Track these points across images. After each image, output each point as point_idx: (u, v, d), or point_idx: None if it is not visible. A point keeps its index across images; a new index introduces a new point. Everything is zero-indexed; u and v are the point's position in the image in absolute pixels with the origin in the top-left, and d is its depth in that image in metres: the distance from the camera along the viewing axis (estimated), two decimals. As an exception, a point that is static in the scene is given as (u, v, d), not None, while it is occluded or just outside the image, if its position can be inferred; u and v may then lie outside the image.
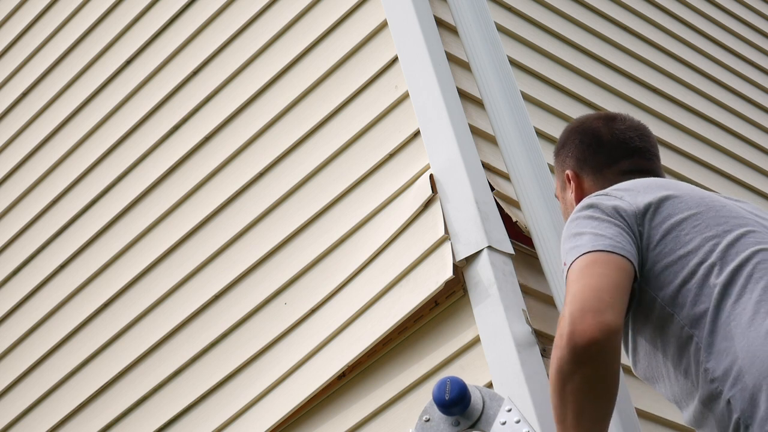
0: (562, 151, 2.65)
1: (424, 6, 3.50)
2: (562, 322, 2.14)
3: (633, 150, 2.57)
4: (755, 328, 2.15)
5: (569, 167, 2.61)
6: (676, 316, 2.24)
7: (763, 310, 2.17)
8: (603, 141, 2.58)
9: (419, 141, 3.29)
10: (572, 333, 2.10)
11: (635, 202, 2.32)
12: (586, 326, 2.10)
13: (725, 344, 2.16)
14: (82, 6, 4.79)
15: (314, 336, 3.33)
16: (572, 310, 2.13)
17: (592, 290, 2.15)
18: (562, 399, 2.14)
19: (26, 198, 4.65)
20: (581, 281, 2.18)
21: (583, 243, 2.24)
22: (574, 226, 2.31)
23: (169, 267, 3.92)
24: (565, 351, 2.11)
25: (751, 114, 4.85)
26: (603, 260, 2.21)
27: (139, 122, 4.28)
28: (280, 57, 3.84)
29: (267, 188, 3.70)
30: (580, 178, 2.59)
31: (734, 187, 4.38)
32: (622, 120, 2.62)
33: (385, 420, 3.08)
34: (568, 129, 2.67)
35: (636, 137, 2.58)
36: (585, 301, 2.13)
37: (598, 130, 2.60)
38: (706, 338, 2.19)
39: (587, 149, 2.59)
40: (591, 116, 2.68)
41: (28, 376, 4.30)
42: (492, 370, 2.84)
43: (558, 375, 2.14)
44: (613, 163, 2.56)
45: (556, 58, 3.91)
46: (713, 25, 5.11)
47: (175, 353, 3.77)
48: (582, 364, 2.11)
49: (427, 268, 3.06)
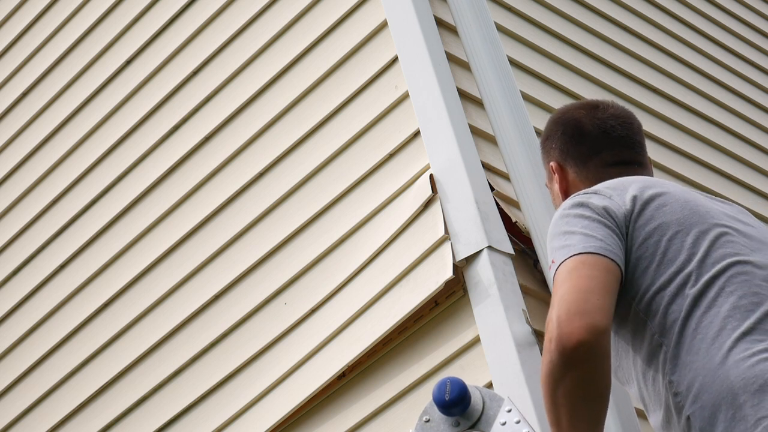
0: (546, 143, 2.65)
1: (424, 6, 3.50)
2: (550, 325, 2.13)
3: (615, 139, 2.55)
4: (718, 345, 2.13)
5: (554, 159, 2.61)
6: (649, 323, 2.23)
7: (730, 326, 2.15)
8: (585, 132, 2.57)
9: (419, 141, 3.29)
10: (560, 336, 2.09)
11: (623, 202, 2.31)
12: (574, 328, 2.09)
13: (689, 358, 2.15)
14: (82, 6, 4.79)
15: (314, 336, 3.33)
16: (559, 313, 2.12)
17: (581, 292, 2.14)
18: (554, 402, 2.13)
19: (26, 198, 4.65)
20: (569, 283, 2.16)
21: (574, 243, 2.23)
22: (564, 224, 2.30)
23: (169, 267, 3.92)
24: (554, 354, 2.10)
25: (751, 114, 4.85)
26: (592, 262, 2.20)
27: (139, 122, 4.28)
28: (280, 57, 3.84)
29: (267, 188, 3.69)
30: (565, 170, 2.59)
31: (734, 187, 4.38)
32: (604, 108, 2.60)
33: (385, 420, 3.08)
34: (551, 119, 2.67)
35: (618, 126, 2.57)
36: (572, 303, 2.12)
37: (579, 121, 2.59)
38: (672, 349, 2.18)
39: (570, 140, 2.58)
40: (574, 105, 2.67)
41: (28, 376, 4.30)
42: (492, 370, 2.84)
43: (549, 378, 2.12)
44: (596, 154, 2.55)
45: (556, 58, 3.91)
46: (713, 25, 5.11)
47: (175, 353, 3.77)
48: (572, 367, 2.09)
49: (427, 268, 3.06)
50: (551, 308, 2.15)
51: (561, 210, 2.35)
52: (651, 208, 2.31)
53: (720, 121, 4.58)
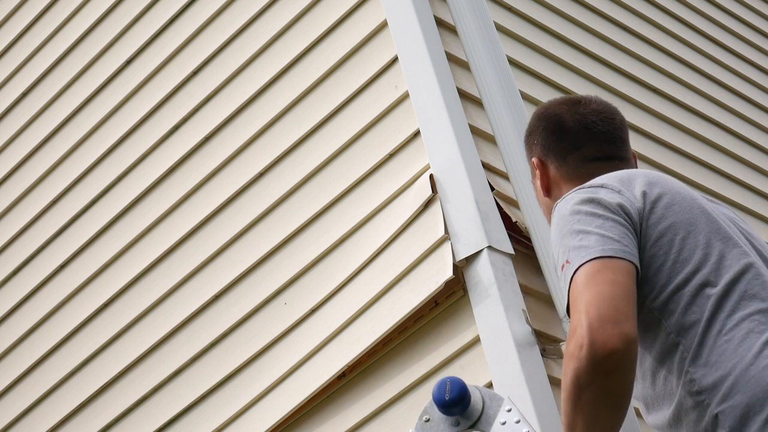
0: (529, 139, 2.66)
1: (424, 6, 3.50)
2: (579, 330, 2.08)
3: (596, 135, 2.54)
4: (747, 346, 2.13)
5: (536, 155, 2.62)
6: (664, 322, 2.22)
7: (758, 329, 2.15)
8: (565, 127, 2.57)
9: (419, 141, 3.29)
10: (592, 343, 2.06)
11: (635, 198, 2.30)
12: (607, 337, 2.06)
13: (715, 358, 2.14)
14: (82, 6, 4.79)
15: (314, 336, 3.33)
16: (590, 320, 2.08)
17: (608, 299, 2.11)
18: (575, 408, 2.11)
19: (26, 198, 4.65)
20: (595, 288, 2.13)
21: (591, 244, 2.20)
22: (576, 221, 2.26)
23: (169, 267, 3.92)
24: (584, 362, 2.07)
25: (751, 114, 4.85)
26: (614, 266, 2.17)
27: (139, 122, 4.28)
28: (280, 57, 3.84)
29: (267, 188, 3.70)
30: (546, 165, 2.59)
31: (734, 187, 4.38)
32: (586, 103, 2.59)
33: (385, 420, 3.08)
34: (534, 115, 2.67)
35: (599, 121, 2.56)
36: (602, 310, 2.09)
37: (561, 117, 2.58)
38: (694, 348, 2.17)
39: (551, 136, 2.58)
40: (557, 101, 2.66)
41: (28, 376, 4.30)
42: (492, 370, 2.84)
43: (574, 384, 2.09)
44: (576, 150, 2.55)
45: (556, 58, 3.91)
46: (713, 25, 5.11)
47: (175, 353, 3.77)
48: (601, 375, 2.07)
49: (427, 268, 3.06)
50: (577, 313, 2.12)
51: (570, 205, 2.31)
52: (661, 206, 2.30)
53: (720, 121, 4.58)
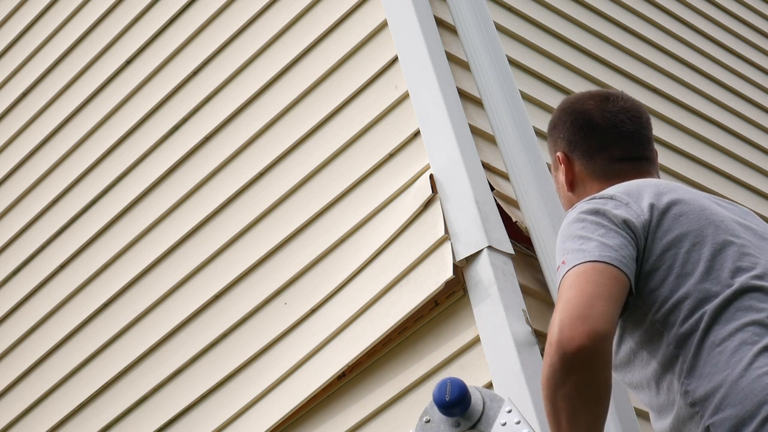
0: (554, 131, 2.63)
1: (424, 6, 3.50)
2: (552, 328, 2.12)
3: (624, 134, 2.53)
4: (738, 358, 2.13)
5: (561, 149, 2.59)
6: (666, 334, 2.23)
7: (750, 341, 2.15)
8: (594, 124, 2.55)
9: (419, 141, 3.29)
10: (560, 341, 2.09)
11: (642, 211, 2.30)
12: (576, 333, 2.08)
13: (708, 369, 2.15)
14: (82, 6, 4.79)
15: (314, 336, 3.33)
16: (562, 317, 2.11)
17: (586, 297, 2.13)
18: (554, 406, 2.13)
19: (26, 198, 4.65)
20: (576, 287, 2.16)
21: (589, 249, 2.21)
22: (580, 228, 2.28)
23: (169, 267, 3.92)
24: (554, 358, 2.10)
25: (751, 114, 4.85)
26: (602, 270, 2.18)
27: (139, 122, 4.28)
28: (280, 57, 3.84)
29: (267, 188, 3.70)
30: (571, 161, 2.58)
31: (734, 187, 4.38)
32: (614, 101, 2.58)
33: (385, 420, 3.09)
34: (561, 107, 2.64)
35: (627, 120, 2.54)
36: (575, 308, 2.11)
37: (589, 113, 2.56)
38: (690, 360, 2.18)
39: (578, 132, 2.56)
40: (584, 95, 2.64)
41: (28, 376, 4.30)
42: (492, 370, 2.84)
43: (549, 382, 2.12)
44: (604, 149, 2.53)
45: (556, 58, 3.91)
46: (713, 25, 5.11)
47: (175, 353, 3.77)
48: (572, 371, 2.09)
49: (427, 268, 3.06)
50: (555, 311, 2.15)
51: (577, 213, 2.32)
52: (669, 218, 2.30)
53: (720, 121, 4.58)
